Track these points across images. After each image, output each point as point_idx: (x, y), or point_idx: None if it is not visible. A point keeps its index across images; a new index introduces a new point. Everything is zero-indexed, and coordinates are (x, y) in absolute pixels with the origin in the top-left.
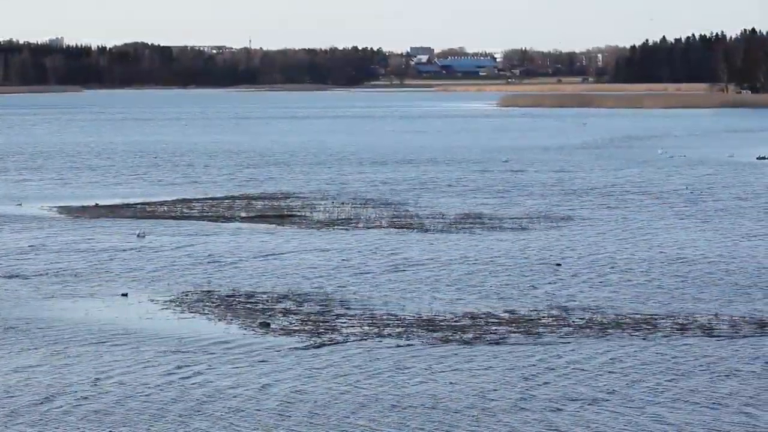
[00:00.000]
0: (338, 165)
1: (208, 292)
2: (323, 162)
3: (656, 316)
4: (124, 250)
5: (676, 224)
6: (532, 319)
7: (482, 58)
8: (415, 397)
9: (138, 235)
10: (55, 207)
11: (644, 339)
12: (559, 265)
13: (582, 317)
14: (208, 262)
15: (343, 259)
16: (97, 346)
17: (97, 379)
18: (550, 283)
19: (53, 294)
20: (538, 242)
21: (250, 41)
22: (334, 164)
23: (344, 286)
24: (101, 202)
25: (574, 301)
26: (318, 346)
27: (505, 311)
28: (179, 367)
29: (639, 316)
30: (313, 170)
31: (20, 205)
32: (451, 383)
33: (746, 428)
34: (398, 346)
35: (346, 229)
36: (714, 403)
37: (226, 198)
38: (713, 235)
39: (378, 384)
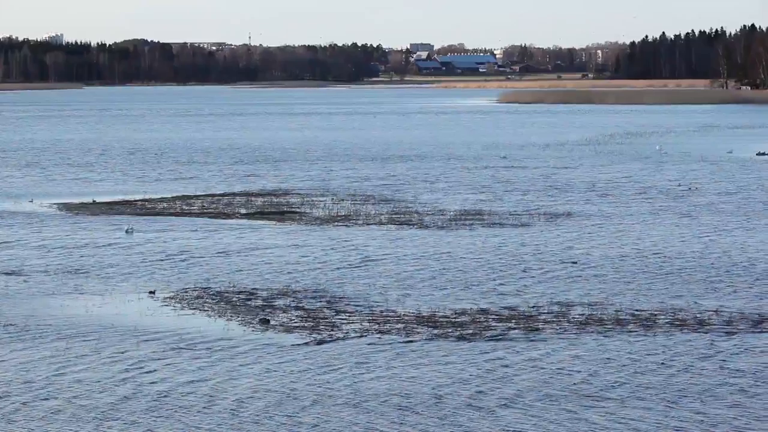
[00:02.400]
0: (338, 161)
1: (208, 288)
2: (322, 158)
3: (626, 312)
4: (122, 247)
5: (665, 221)
6: (532, 316)
7: (482, 54)
8: (407, 393)
9: (126, 231)
10: (55, 204)
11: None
12: (575, 263)
13: (581, 313)
14: (208, 259)
15: (343, 256)
16: (95, 342)
17: None
18: (548, 280)
19: (52, 291)
20: (538, 239)
21: (249, 38)
22: (333, 160)
23: (344, 283)
24: (98, 199)
25: (566, 297)
26: (318, 343)
27: (503, 308)
28: (178, 365)
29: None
30: (313, 167)
31: (32, 201)
32: (450, 378)
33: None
34: (398, 342)
35: (346, 226)
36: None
37: (226, 195)
38: (699, 230)
39: (374, 380)
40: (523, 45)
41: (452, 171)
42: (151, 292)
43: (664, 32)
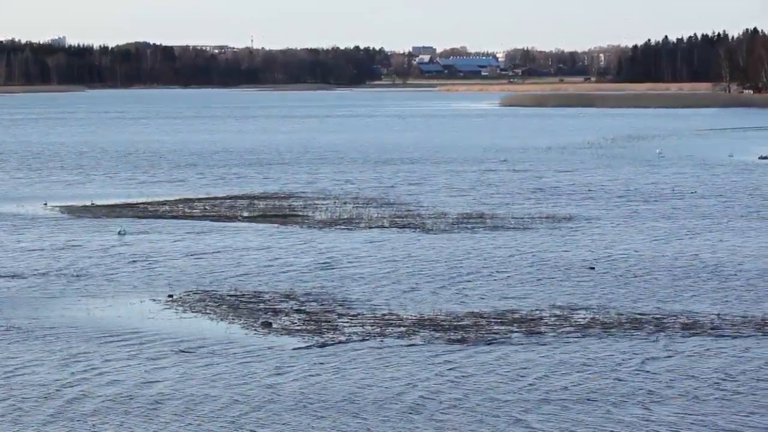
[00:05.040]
0: (340, 164)
1: (210, 291)
2: (324, 161)
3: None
4: (124, 249)
5: (661, 224)
6: (534, 319)
7: (484, 57)
8: (402, 396)
9: (119, 233)
10: (57, 206)
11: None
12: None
13: (583, 317)
14: (210, 262)
15: (346, 258)
16: (97, 345)
17: None
18: (549, 283)
19: (54, 294)
20: (538, 242)
21: (252, 40)
22: (335, 163)
23: (346, 285)
24: (98, 202)
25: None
26: (321, 346)
27: (507, 311)
28: (177, 367)
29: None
30: (315, 170)
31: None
32: (449, 380)
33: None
34: (399, 346)
35: (349, 229)
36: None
37: (228, 197)
38: (693, 233)
39: (365, 381)
40: (526, 48)
41: (452, 174)
42: (169, 296)
43: (666, 35)
